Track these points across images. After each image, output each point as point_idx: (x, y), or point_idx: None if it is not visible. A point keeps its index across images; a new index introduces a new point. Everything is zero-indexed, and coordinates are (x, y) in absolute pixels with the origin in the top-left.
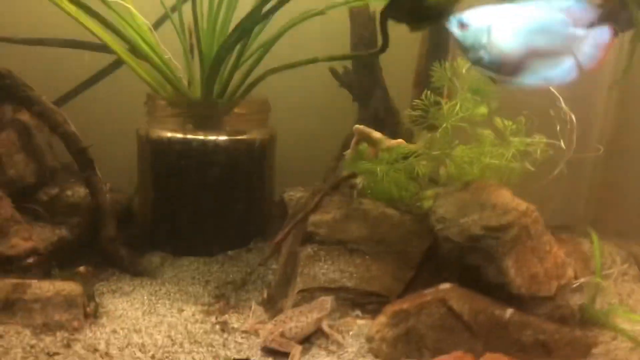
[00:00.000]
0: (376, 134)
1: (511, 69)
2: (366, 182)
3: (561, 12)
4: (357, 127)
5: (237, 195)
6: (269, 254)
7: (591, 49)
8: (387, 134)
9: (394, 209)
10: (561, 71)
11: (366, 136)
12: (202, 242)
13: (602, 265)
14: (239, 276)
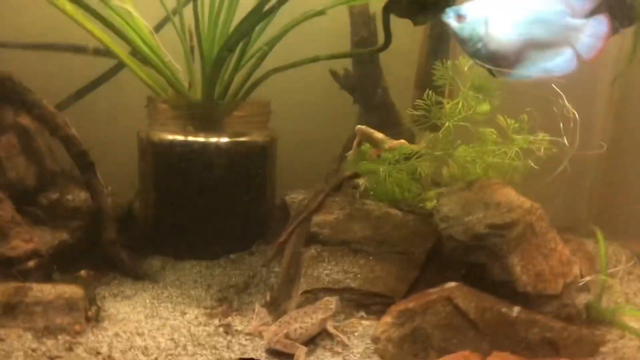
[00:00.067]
0: (378, 135)
1: (509, 60)
2: (369, 183)
3: (559, 3)
4: (359, 127)
5: (238, 197)
6: (272, 254)
7: (590, 39)
8: (389, 135)
9: (397, 209)
10: (560, 62)
11: (368, 137)
12: (203, 245)
13: (607, 264)
14: (242, 279)
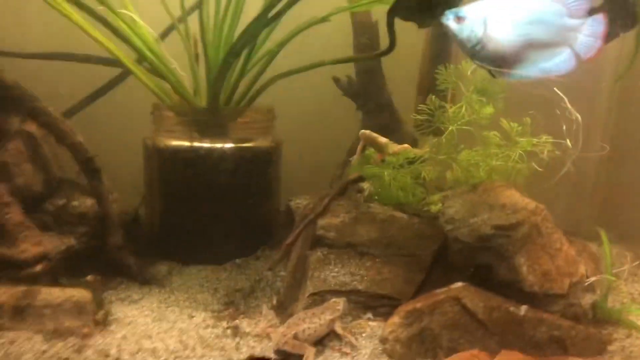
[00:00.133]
0: (382, 139)
1: (508, 61)
2: (373, 187)
3: (556, 3)
4: (363, 132)
5: (244, 203)
6: (278, 257)
7: (587, 38)
8: (391, 140)
9: (402, 212)
10: (558, 62)
11: (372, 141)
12: (209, 251)
13: (612, 265)
14: (248, 284)
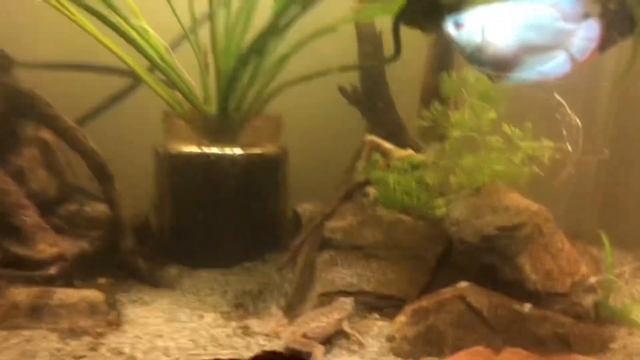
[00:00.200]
0: (387, 145)
1: (506, 65)
2: (379, 192)
3: (551, 9)
4: (368, 138)
5: (252, 208)
6: (287, 258)
7: (582, 41)
8: (395, 146)
9: (407, 215)
10: (554, 65)
11: (378, 147)
12: (218, 254)
13: (613, 267)
14: (256, 286)
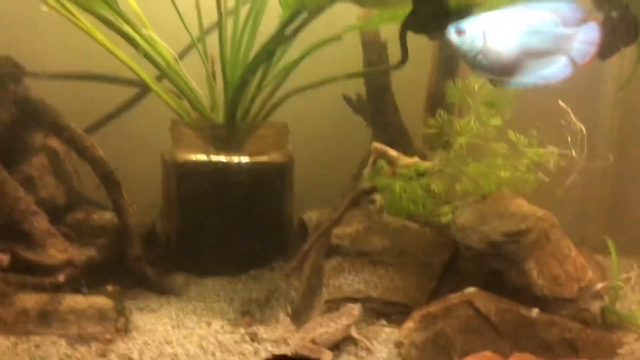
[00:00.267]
0: (393, 152)
1: (507, 70)
2: (385, 200)
3: (551, 14)
4: (374, 145)
5: (259, 215)
6: (296, 263)
7: (582, 45)
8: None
9: (414, 222)
10: (555, 69)
11: (383, 154)
12: (225, 262)
13: (619, 273)
14: (263, 294)
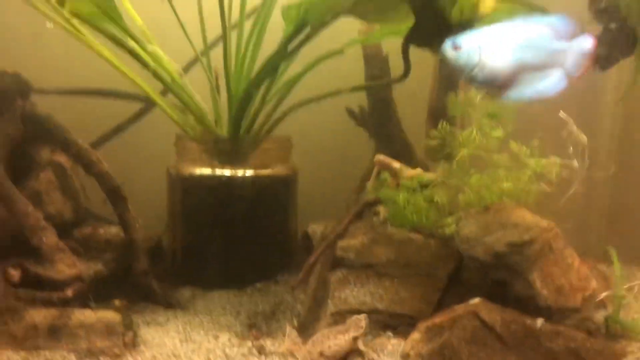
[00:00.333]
0: (396, 164)
1: (503, 84)
2: (389, 212)
3: (545, 28)
4: (378, 157)
5: (263, 229)
6: (302, 276)
7: (576, 57)
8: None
9: (418, 233)
10: (551, 82)
11: (387, 166)
12: (231, 276)
13: (622, 283)
14: (268, 307)
